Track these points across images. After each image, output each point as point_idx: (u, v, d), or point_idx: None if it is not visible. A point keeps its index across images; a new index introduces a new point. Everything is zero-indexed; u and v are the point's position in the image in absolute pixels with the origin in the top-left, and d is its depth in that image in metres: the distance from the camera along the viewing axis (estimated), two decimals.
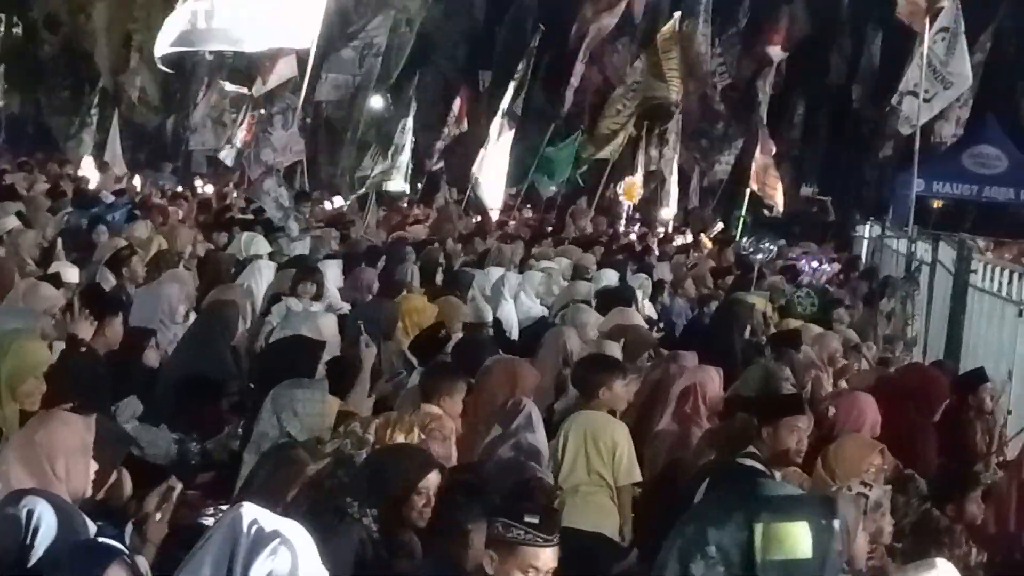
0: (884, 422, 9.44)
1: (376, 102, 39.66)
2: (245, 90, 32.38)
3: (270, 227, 18.27)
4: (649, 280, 17.36)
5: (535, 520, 5.75)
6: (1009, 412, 12.68)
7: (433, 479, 6.35)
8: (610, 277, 16.93)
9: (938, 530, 8.14)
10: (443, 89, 37.37)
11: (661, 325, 15.44)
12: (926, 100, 23.93)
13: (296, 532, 4.31)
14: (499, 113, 31.36)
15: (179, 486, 5.74)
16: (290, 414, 7.60)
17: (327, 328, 10.47)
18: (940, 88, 24.29)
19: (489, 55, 43.75)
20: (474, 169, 31.71)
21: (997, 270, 15.73)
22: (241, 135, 31.17)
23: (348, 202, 29.99)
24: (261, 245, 16.55)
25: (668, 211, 34.52)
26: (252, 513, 4.32)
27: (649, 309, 16.01)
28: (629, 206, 34.23)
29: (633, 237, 28.40)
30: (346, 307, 13.33)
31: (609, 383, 9.07)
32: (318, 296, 12.84)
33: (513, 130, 31.41)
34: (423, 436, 7.30)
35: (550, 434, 9.00)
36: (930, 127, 30.86)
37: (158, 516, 5.60)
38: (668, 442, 9.51)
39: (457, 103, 35.50)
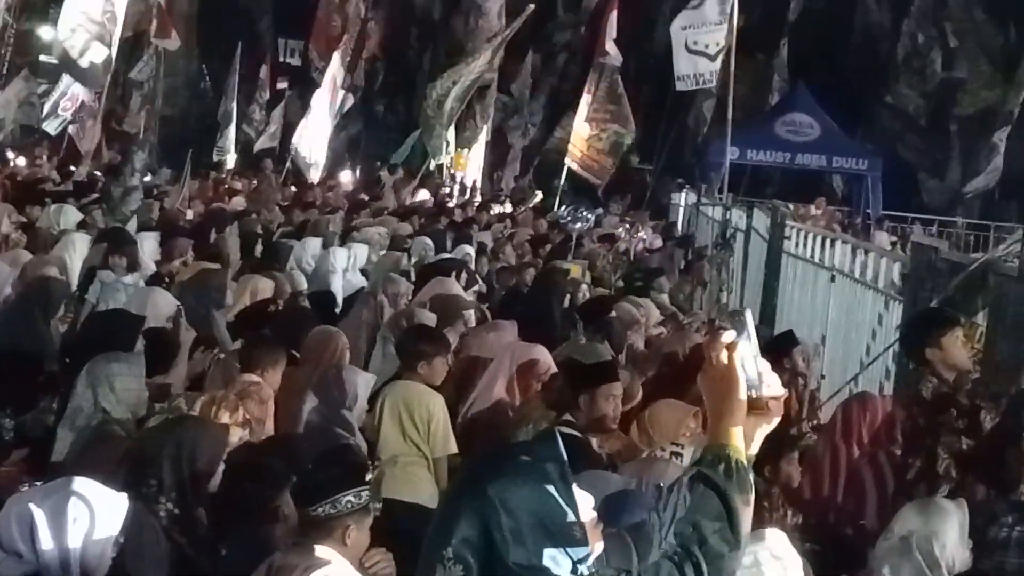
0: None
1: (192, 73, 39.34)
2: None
3: (82, 198, 17.94)
4: (474, 250, 17.39)
5: (347, 493, 5.72)
6: (823, 376, 12.92)
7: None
8: (426, 246, 16.94)
9: (755, 492, 8.24)
10: (249, 57, 36.94)
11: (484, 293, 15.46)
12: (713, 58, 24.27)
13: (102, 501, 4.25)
14: (325, 85, 31.19)
15: None
16: (106, 389, 7.47)
17: (163, 303, 10.35)
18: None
19: (292, 21, 43.27)
20: (294, 140, 31.53)
21: (810, 236, 16.01)
22: (66, 104, 30.40)
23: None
24: (71, 216, 16.25)
25: (472, 175, 34.75)
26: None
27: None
28: (460, 176, 34.33)
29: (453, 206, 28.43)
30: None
31: (430, 358, 9.06)
32: (132, 268, 12.62)
33: (340, 102, 31.28)
34: (247, 415, 7.22)
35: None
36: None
37: None
38: (486, 412, 9.53)
39: (264, 71, 35.26)
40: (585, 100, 29.39)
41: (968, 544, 6.56)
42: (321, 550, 5.50)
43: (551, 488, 3.32)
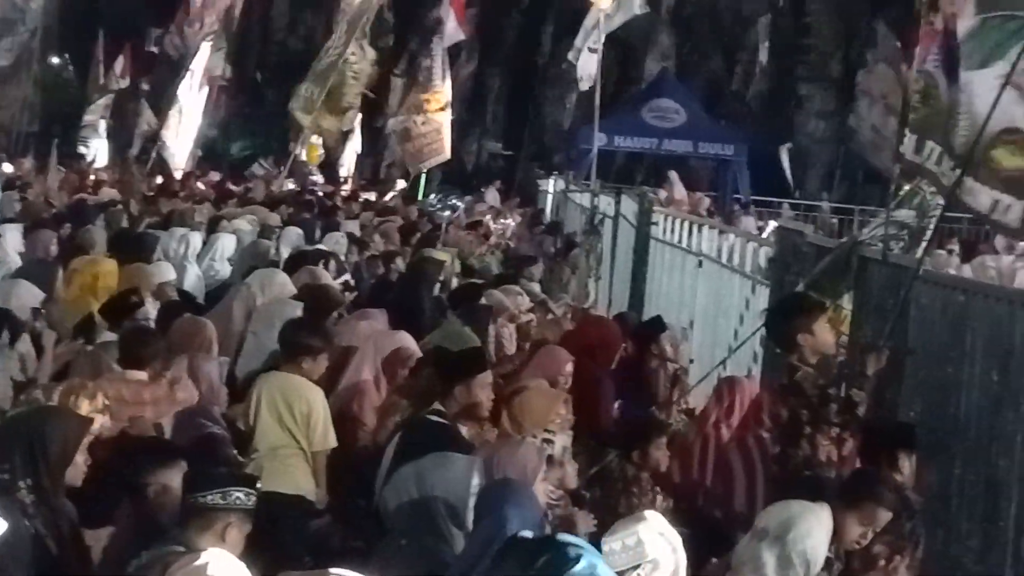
0: None
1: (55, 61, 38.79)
2: None
3: None
4: (345, 239, 17.32)
5: (239, 489, 5.69)
6: (691, 361, 13.01)
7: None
8: (294, 236, 16.84)
9: (624, 478, 8.29)
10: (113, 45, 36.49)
11: (352, 283, 15.39)
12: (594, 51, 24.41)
13: None
14: (191, 73, 30.89)
15: None
16: None
17: (26, 295, 10.20)
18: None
19: (157, 9, 42.84)
20: (162, 130, 31.23)
21: (677, 222, 16.12)
22: None
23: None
24: None
25: (345, 169, 34.63)
26: None
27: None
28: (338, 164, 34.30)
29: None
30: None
31: (316, 353, 8.98)
32: None
33: (205, 91, 31.02)
34: (106, 402, 7.14)
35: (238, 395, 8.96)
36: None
37: None
38: (353, 401, 9.52)
39: (121, 61, 34.83)
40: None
41: (829, 545, 6.67)
42: (199, 545, 5.44)
43: None
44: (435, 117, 26.56)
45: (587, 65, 24.90)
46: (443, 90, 26.96)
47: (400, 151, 28.67)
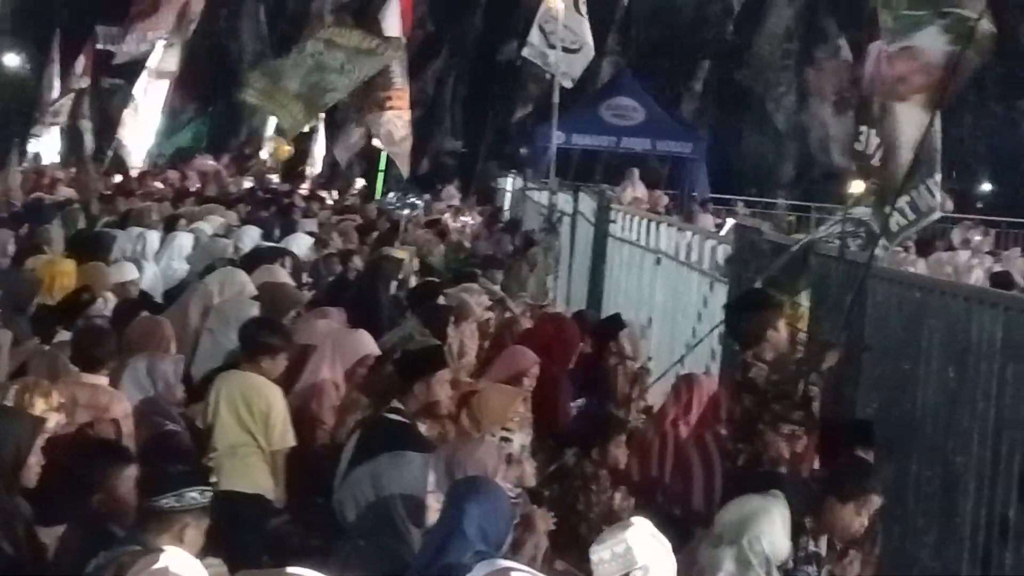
0: None
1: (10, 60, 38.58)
2: None
3: None
4: (308, 239, 17.30)
5: (192, 489, 5.68)
6: (650, 358, 13.03)
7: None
8: (251, 234, 16.80)
9: (583, 475, 8.31)
10: (68, 44, 36.24)
11: (311, 281, 15.36)
12: (574, 51, 24.40)
13: None
14: (146, 71, 30.73)
15: None
16: None
17: None
18: (582, 40, 24.76)
19: (111, 7, 42.60)
20: (119, 129, 31.05)
21: (636, 220, 16.13)
22: None
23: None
24: None
25: (312, 169, 34.50)
26: None
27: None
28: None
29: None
30: None
31: (276, 352, 8.97)
32: None
33: (167, 87, 30.89)
34: (61, 400, 7.11)
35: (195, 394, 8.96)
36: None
37: None
38: (311, 400, 9.50)
39: (81, 60, 34.63)
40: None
41: (788, 534, 6.71)
42: (157, 545, 5.42)
43: None
44: (405, 116, 26.52)
45: (564, 64, 24.90)
46: (405, 88, 26.89)
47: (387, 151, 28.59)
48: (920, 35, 8.69)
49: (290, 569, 4.56)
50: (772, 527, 6.64)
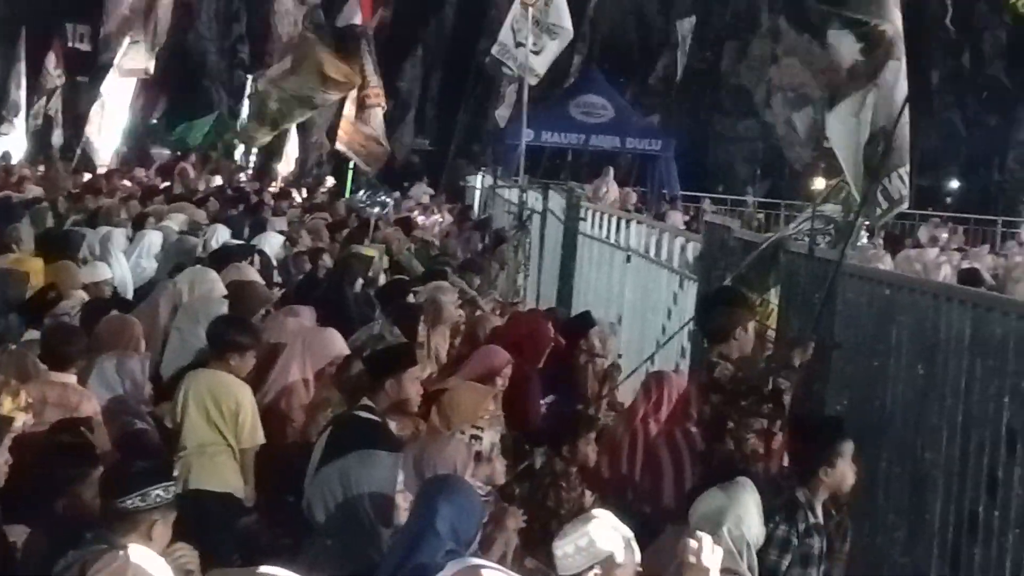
0: None
1: None
2: None
3: None
4: (280, 237, 17.27)
5: (156, 487, 5.66)
6: (620, 355, 13.04)
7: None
8: (220, 232, 16.75)
9: (553, 473, 8.30)
10: (35, 42, 36.12)
11: (280, 280, 15.33)
12: (535, 52, 24.38)
13: None
14: (114, 69, 30.63)
15: None
16: None
17: None
18: (547, 39, 24.74)
19: (79, 5, 42.47)
20: (86, 128, 30.96)
21: (606, 217, 16.14)
22: None
23: None
24: None
25: (284, 166, 34.44)
26: None
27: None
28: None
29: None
30: None
31: (244, 350, 8.96)
32: None
33: (134, 85, 30.81)
34: (29, 400, 7.07)
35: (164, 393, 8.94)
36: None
37: None
38: (282, 398, 9.49)
39: (51, 58, 34.51)
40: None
41: (762, 519, 6.74)
42: (126, 544, 5.41)
43: None
44: (378, 114, 26.51)
45: (530, 61, 24.85)
46: (380, 85, 26.91)
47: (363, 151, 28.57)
48: (833, 33, 8.89)
49: (262, 568, 4.55)
50: (748, 514, 6.68)
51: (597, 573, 5.39)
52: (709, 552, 4.77)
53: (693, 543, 4.75)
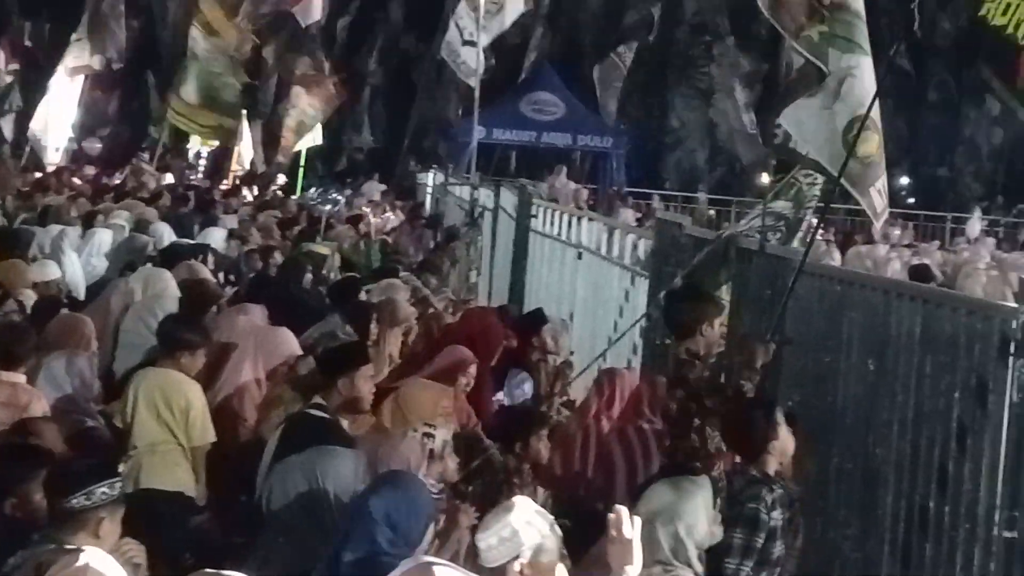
0: None
1: None
2: None
3: None
4: (223, 235, 17.21)
5: (101, 485, 5.63)
6: (572, 352, 13.05)
7: None
8: (166, 231, 16.71)
9: (506, 470, 8.30)
10: None
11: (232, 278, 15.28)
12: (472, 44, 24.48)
13: None
14: (60, 67, 30.51)
15: None
16: None
17: None
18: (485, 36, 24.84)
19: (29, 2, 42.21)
20: (33, 124, 30.79)
21: (557, 214, 16.16)
22: None
23: None
24: None
25: (241, 166, 34.41)
26: None
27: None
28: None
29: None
30: None
31: (195, 348, 8.93)
32: None
33: (81, 82, 30.67)
34: None
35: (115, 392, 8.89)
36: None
37: None
38: (234, 397, 9.46)
39: (1, 55, 34.34)
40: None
41: (717, 519, 6.74)
42: (74, 543, 5.39)
43: None
44: (322, 108, 26.58)
45: (471, 59, 24.88)
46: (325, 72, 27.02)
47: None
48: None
49: (209, 571, 4.53)
50: (692, 509, 6.70)
51: (522, 562, 5.37)
52: (629, 526, 4.88)
53: (612, 516, 4.78)
